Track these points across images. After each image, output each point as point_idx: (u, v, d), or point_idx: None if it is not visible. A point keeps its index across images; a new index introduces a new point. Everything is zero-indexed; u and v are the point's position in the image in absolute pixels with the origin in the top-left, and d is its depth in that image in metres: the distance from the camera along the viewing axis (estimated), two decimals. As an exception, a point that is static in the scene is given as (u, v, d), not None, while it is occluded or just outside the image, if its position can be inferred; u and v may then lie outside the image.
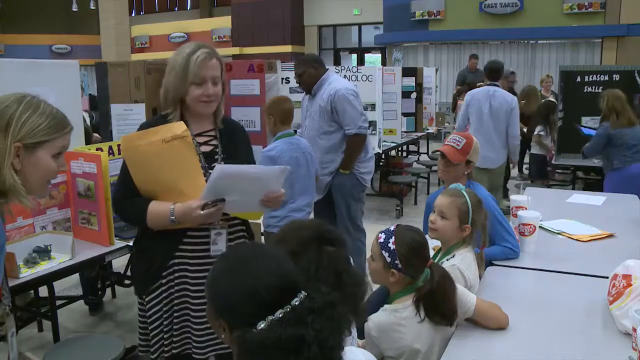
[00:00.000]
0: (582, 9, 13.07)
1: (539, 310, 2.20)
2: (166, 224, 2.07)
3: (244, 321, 1.12)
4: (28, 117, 1.51)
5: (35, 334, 3.84)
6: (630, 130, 4.94)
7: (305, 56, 4.44)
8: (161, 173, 2.08)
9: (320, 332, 1.11)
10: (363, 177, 4.32)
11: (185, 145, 2.06)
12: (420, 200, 7.58)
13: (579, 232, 3.06)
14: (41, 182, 1.61)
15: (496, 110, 5.40)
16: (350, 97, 4.09)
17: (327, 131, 4.19)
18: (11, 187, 1.49)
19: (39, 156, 1.55)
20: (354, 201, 4.31)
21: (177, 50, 2.16)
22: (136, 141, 2.07)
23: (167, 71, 2.14)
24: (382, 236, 1.98)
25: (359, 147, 4.21)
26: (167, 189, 2.08)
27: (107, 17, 13.98)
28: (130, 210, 2.16)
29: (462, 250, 2.32)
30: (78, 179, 2.99)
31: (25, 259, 2.67)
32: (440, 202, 2.37)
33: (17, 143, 1.49)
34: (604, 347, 1.91)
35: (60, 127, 1.59)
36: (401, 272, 1.94)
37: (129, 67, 3.85)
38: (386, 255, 1.94)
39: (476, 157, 2.85)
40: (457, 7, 14.40)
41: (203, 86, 2.09)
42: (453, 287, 1.93)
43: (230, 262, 1.24)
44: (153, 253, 2.20)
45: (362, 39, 19.14)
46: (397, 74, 7.61)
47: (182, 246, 2.16)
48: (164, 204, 2.07)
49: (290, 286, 1.16)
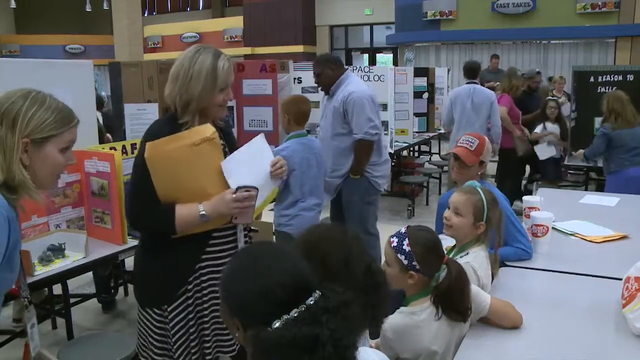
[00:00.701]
0: (596, 8, 12.98)
1: (552, 311, 2.19)
2: (195, 222, 2.04)
3: (259, 320, 1.12)
4: (35, 112, 1.53)
5: (49, 331, 3.88)
6: (630, 131, 4.92)
7: (324, 56, 4.35)
8: (190, 177, 2.06)
9: (334, 331, 1.10)
10: (376, 181, 4.23)
11: (213, 146, 2.06)
12: (432, 201, 7.55)
13: (592, 234, 3.04)
14: (50, 177, 1.62)
15: (478, 105, 5.93)
16: (362, 102, 4.02)
17: (339, 133, 4.14)
18: (21, 183, 1.51)
19: (47, 151, 1.56)
20: (366, 205, 4.22)
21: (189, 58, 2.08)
22: (164, 147, 2.02)
23: (184, 80, 2.06)
24: (395, 240, 1.95)
25: (365, 153, 4.12)
26: (194, 192, 2.06)
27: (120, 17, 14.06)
28: (157, 218, 2.07)
29: (475, 248, 2.31)
30: (92, 178, 3.02)
31: (40, 257, 2.70)
32: (455, 199, 2.36)
33: (24, 139, 1.51)
34: (618, 349, 1.90)
35: (67, 121, 1.60)
36: (419, 273, 1.92)
37: (142, 67, 3.89)
38: (402, 259, 1.91)
39: (489, 158, 2.85)
40: (469, 7, 14.34)
41: (225, 91, 2.11)
42: (468, 282, 1.92)
43: (244, 260, 1.24)
44: (177, 259, 2.12)
45: (374, 39, 19.12)
46: (409, 74, 7.61)
47: (208, 248, 2.14)
48: (191, 204, 2.04)
49: (304, 285, 1.16)
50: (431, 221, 2.96)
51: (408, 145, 7.52)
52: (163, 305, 2.14)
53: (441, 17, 14.68)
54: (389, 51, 18.61)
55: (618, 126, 4.97)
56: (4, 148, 1.50)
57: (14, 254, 1.54)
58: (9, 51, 21.22)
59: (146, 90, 3.87)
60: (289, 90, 5.84)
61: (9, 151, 1.49)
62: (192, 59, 2.06)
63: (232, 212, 2.06)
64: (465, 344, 1.93)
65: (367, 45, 19.47)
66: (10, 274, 1.56)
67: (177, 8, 24.55)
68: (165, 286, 2.13)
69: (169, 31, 21.70)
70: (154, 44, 21.75)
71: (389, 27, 17.44)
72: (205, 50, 2.09)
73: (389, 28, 17.38)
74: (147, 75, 3.86)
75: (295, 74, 6.23)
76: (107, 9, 16.58)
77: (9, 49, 21.33)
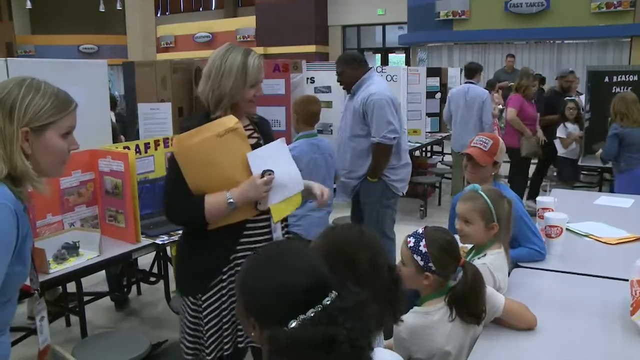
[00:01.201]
0: (611, 7, 12.84)
1: (565, 313, 2.18)
2: (224, 210, 2.10)
3: (275, 320, 1.12)
4: (31, 100, 1.51)
5: (63, 329, 3.92)
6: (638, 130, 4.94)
7: (346, 54, 4.25)
8: (217, 167, 2.12)
9: (351, 331, 1.10)
10: (394, 185, 4.14)
11: (238, 136, 2.12)
12: (445, 201, 7.53)
13: (606, 235, 3.02)
14: (55, 164, 1.60)
15: (470, 103, 6.39)
16: (382, 104, 3.90)
17: (358, 134, 4.05)
18: (23, 173, 1.50)
19: (47, 138, 1.55)
20: (383, 208, 4.14)
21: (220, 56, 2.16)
22: (190, 140, 2.09)
23: (216, 77, 2.14)
24: (412, 240, 1.96)
25: (383, 157, 4.02)
26: (222, 182, 2.12)
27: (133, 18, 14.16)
28: (187, 209, 2.14)
29: (494, 249, 2.30)
30: (105, 177, 3.04)
31: (55, 255, 2.73)
32: (460, 209, 2.34)
33: (24, 128, 1.50)
34: (633, 351, 1.88)
35: (65, 106, 1.58)
36: (435, 274, 1.92)
37: (155, 67, 3.91)
38: (418, 259, 1.92)
39: (502, 158, 2.83)
40: (482, 7, 14.25)
41: (255, 87, 2.19)
42: (484, 285, 1.91)
43: (262, 260, 1.24)
44: (212, 249, 2.19)
45: (386, 39, 19.08)
46: (422, 74, 7.59)
47: (242, 239, 2.20)
48: (219, 193, 2.10)
49: (321, 285, 1.16)
50: (443, 221, 2.95)
51: (420, 145, 7.50)
52: (197, 295, 2.21)
53: (454, 17, 14.60)
54: (401, 51, 18.56)
55: (626, 125, 4.99)
56: (3, 139, 1.49)
57: (25, 247, 1.54)
58: (25, 51, 21.41)
59: (159, 89, 3.89)
60: (301, 90, 5.85)
61: (8, 141, 1.48)
62: (224, 56, 2.15)
63: (262, 195, 2.12)
64: (478, 345, 1.92)
65: (379, 45, 19.44)
66: (22, 268, 1.56)
67: (190, 8, 24.65)
68: (200, 276, 2.20)
69: (181, 31, 21.79)
70: (167, 44, 21.84)
71: (401, 27, 17.40)
72: (236, 48, 2.19)
73: (401, 28, 17.34)
74: (160, 75, 3.89)
75: (308, 73, 6.23)
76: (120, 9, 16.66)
77: (24, 49, 21.52)
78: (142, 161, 3.42)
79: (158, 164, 3.56)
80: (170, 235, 3.15)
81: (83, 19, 22.93)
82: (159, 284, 4.13)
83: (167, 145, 3.60)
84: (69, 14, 22.60)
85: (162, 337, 3.72)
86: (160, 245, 3.09)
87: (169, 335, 3.75)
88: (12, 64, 2.98)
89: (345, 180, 4.15)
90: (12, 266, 1.49)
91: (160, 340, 3.65)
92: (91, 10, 21.33)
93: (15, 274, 1.52)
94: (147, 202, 3.34)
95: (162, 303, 4.20)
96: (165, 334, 3.80)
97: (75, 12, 22.80)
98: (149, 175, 3.49)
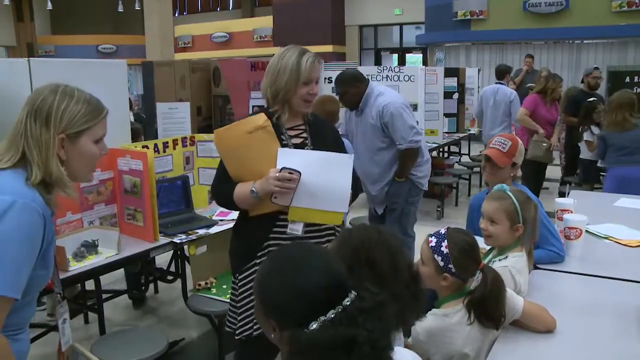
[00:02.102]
0: (633, 6, 12.65)
1: (585, 315, 2.15)
2: (248, 198, 2.26)
3: (295, 321, 1.11)
4: (66, 107, 1.54)
5: (81, 326, 3.96)
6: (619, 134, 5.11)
7: (344, 75, 4.15)
8: (248, 160, 2.29)
9: (372, 332, 1.10)
10: (420, 182, 4.25)
11: (267, 134, 2.27)
12: (462, 202, 7.49)
13: (626, 237, 2.98)
14: (87, 169, 1.65)
15: (498, 103, 7.18)
16: (399, 111, 3.98)
17: (380, 147, 4.11)
18: (57, 179, 1.53)
19: (82, 144, 1.58)
20: (408, 205, 4.24)
21: (279, 55, 2.35)
22: (224, 134, 2.32)
23: (274, 74, 2.31)
24: (433, 240, 1.95)
25: (412, 159, 4.13)
26: (253, 173, 2.27)
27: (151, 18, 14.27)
28: (222, 193, 2.38)
29: (515, 252, 2.28)
30: (124, 176, 3.06)
31: (74, 253, 2.76)
32: (487, 208, 2.33)
33: (61, 134, 1.53)
34: (654, 355, 1.85)
35: (98, 112, 1.62)
36: (454, 276, 1.91)
37: (174, 67, 3.93)
38: (439, 260, 1.91)
39: (521, 159, 2.80)
40: (500, 7, 14.13)
41: (309, 85, 2.32)
42: (504, 290, 1.89)
43: (280, 261, 1.23)
44: (249, 235, 2.39)
45: (403, 39, 19.01)
46: (440, 74, 7.55)
47: (275, 229, 2.33)
48: (248, 182, 2.27)
49: (340, 286, 1.15)
50: (460, 222, 2.93)
51: (438, 146, 7.46)
52: (236, 274, 2.44)
53: (472, 17, 14.49)
54: (419, 51, 18.48)
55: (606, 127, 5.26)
56: (39, 145, 1.52)
57: (48, 252, 1.57)
58: (45, 51, 21.66)
59: (178, 89, 3.92)
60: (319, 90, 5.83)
61: (44, 148, 1.51)
62: (282, 55, 2.34)
63: (272, 189, 2.21)
64: (496, 347, 1.91)
65: (397, 46, 19.37)
66: (44, 272, 1.58)
67: (207, 8, 24.76)
68: (239, 258, 2.43)
69: (199, 31, 21.88)
70: (185, 44, 21.96)
71: (418, 27, 17.33)
72: (294, 48, 2.38)
73: (419, 28, 17.26)
74: (179, 75, 3.91)
75: (325, 73, 6.22)
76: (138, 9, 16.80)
77: (45, 50, 21.77)
78: (161, 160, 3.45)
79: (176, 163, 3.58)
80: (188, 235, 3.17)
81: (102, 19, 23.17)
82: (176, 283, 4.15)
83: (185, 145, 3.62)
84: (88, 15, 22.83)
85: (179, 336, 3.74)
86: (177, 244, 3.11)
87: (186, 334, 3.78)
88: (34, 64, 3.01)
89: (375, 194, 4.22)
90: (35, 270, 1.52)
91: (177, 339, 3.67)
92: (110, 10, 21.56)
93: (37, 277, 1.55)
94: (165, 201, 3.36)
95: (179, 302, 4.22)
96: (182, 333, 3.82)
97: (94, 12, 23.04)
98: (167, 175, 3.52)
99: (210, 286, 3.28)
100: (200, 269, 3.27)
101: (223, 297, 3.10)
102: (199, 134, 3.73)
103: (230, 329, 2.49)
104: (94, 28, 22.27)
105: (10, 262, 1.43)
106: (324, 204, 2.27)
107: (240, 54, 18.58)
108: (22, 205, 1.45)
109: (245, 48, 19.74)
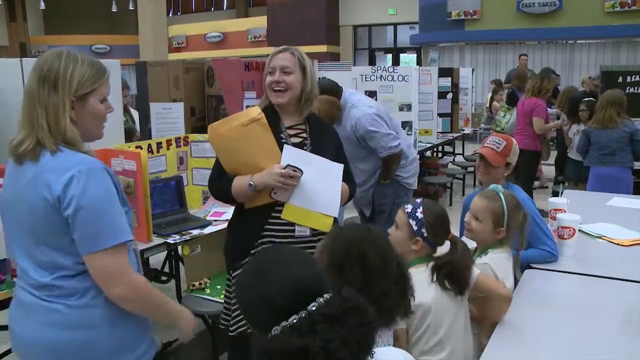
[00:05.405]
0: (625, 7, 12.72)
1: (578, 314, 2.16)
2: (245, 190, 2.29)
3: (260, 326, 1.12)
4: (73, 70, 1.61)
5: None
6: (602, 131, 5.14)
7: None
8: (244, 153, 2.32)
9: (329, 342, 1.05)
10: (407, 182, 4.19)
11: (261, 126, 2.30)
12: (456, 202, 7.51)
13: (619, 236, 3.00)
14: (97, 128, 1.73)
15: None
16: (371, 122, 3.86)
17: (361, 156, 4.02)
18: (72, 139, 1.61)
19: (90, 104, 1.65)
20: (395, 206, 4.04)
21: None
22: (220, 129, 2.33)
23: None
24: (409, 207, 2.08)
25: (395, 163, 4.06)
26: (249, 166, 2.31)
27: (145, 18, 14.21)
28: (220, 187, 2.41)
29: (497, 250, 2.30)
30: (118, 176, 3.05)
31: (68, 254, 2.74)
32: (474, 205, 2.35)
33: (71, 97, 1.60)
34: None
35: (102, 73, 1.69)
36: (425, 241, 2.02)
37: (168, 67, 3.91)
38: (413, 224, 2.03)
39: (515, 159, 2.81)
40: (493, 7, 14.18)
41: (273, 74, 2.37)
42: (471, 261, 2.02)
43: (251, 267, 1.24)
44: (243, 231, 2.42)
45: (398, 39, 19.04)
46: (434, 74, 7.55)
47: (268, 226, 2.35)
48: (246, 176, 2.31)
49: (306, 292, 1.12)
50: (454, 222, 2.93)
51: (432, 145, 7.47)
52: (230, 271, 2.47)
53: (465, 17, 14.54)
54: (413, 51, 18.51)
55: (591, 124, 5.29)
56: (47, 109, 1.58)
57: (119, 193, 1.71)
58: (38, 51, 21.57)
59: (172, 89, 3.90)
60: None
61: (53, 110, 1.58)
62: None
63: (275, 184, 2.25)
64: (489, 349, 1.91)
65: (391, 45, 19.40)
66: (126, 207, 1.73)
67: (201, 8, 24.74)
68: (233, 254, 2.45)
69: (193, 31, 21.87)
70: (179, 44, 21.94)
71: (412, 27, 17.36)
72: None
73: (413, 28, 17.29)
74: (173, 75, 3.89)
75: (319, 73, 6.22)
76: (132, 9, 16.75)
77: (38, 50, 21.69)
78: (154, 160, 3.44)
79: (170, 163, 3.57)
80: (182, 235, 3.16)
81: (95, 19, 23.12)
82: (170, 283, 4.14)
83: (179, 145, 3.61)
84: (81, 14, 22.79)
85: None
86: (171, 244, 3.10)
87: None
88: (27, 64, 3.00)
89: (360, 196, 4.17)
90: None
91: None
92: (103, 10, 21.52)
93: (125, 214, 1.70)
94: (159, 202, 3.35)
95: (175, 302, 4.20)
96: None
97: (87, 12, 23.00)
98: (161, 175, 3.50)
99: (204, 286, 3.27)
100: (194, 270, 3.27)
101: (217, 297, 3.09)
102: (193, 134, 3.71)
103: (224, 326, 2.51)
104: (87, 28, 22.23)
105: (112, 215, 1.62)
106: (318, 206, 2.33)
107: (235, 54, 18.58)
108: (88, 169, 1.58)
109: (240, 48, 19.75)
